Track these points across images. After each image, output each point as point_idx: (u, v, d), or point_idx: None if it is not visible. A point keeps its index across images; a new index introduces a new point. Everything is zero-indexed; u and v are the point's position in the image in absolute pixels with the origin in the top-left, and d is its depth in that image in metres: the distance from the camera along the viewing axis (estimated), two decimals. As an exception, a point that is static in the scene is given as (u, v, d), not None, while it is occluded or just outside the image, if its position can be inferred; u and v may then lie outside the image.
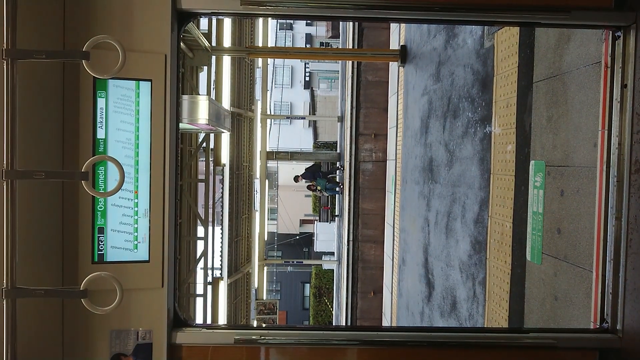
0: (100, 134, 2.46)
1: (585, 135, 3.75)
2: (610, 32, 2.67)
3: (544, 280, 4.32)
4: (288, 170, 30.16)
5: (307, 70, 34.07)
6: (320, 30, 34.61)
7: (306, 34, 35.18)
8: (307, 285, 29.77)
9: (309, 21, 32.87)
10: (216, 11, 2.55)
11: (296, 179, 17.75)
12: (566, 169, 4.00)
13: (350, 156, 13.82)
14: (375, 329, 4.04)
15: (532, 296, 4.54)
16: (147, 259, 2.50)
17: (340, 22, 20.59)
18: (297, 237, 31.18)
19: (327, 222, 26.25)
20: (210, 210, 10.41)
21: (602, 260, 2.74)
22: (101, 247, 2.49)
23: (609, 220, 2.67)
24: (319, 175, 17.63)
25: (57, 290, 2.31)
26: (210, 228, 10.32)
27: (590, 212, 3.61)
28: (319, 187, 17.98)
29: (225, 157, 11.22)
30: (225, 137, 11.14)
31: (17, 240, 2.02)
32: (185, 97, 7.87)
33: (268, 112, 16.46)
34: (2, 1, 1.97)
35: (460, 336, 2.68)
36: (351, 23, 14.11)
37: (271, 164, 19.77)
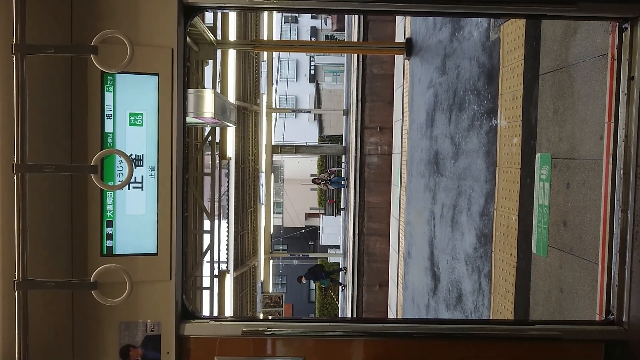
0: (108, 127, 2.48)
1: (591, 128, 3.74)
2: (617, 23, 2.65)
3: (549, 273, 4.32)
4: (293, 164, 30.20)
5: (313, 63, 33.99)
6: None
7: (311, 27, 35.08)
8: (313, 279, 29.85)
9: (314, 14, 32.73)
10: (222, 5, 2.56)
11: (299, 279, 18.64)
12: (572, 162, 3.99)
13: (356, 149, 13.81)
14: (381, 320, 4.06)
15: (538, 288, 4.54)
16: (156, 252, 2.53)
17: (346, 15, 20.51)
18: (303, 231, 31.23)
19: (333, 215, 26.34)
20: (216, 204, 10.46)
21: (607, 252, 2.74)
22: (110, 239, 2.52)
23: (615, 212, 2.66)
24: (322, 275, 18.45)
25: (68, 282, 2.35)
26: (216, 221, 10.36)
27: (596, 205, 3.60)
28: (322, 286, 18.83)
29: (230, 151, 11.25)
30: (231, 131, 11.17)
31: (28, 233, 2.05)
32: (191, 91, 7.90)
33: (273, 106, 16.48)
34: None
35: (465, 328, 2.69)
36: (356, 16, 14.06)
37: (277, 157, 19.81)
